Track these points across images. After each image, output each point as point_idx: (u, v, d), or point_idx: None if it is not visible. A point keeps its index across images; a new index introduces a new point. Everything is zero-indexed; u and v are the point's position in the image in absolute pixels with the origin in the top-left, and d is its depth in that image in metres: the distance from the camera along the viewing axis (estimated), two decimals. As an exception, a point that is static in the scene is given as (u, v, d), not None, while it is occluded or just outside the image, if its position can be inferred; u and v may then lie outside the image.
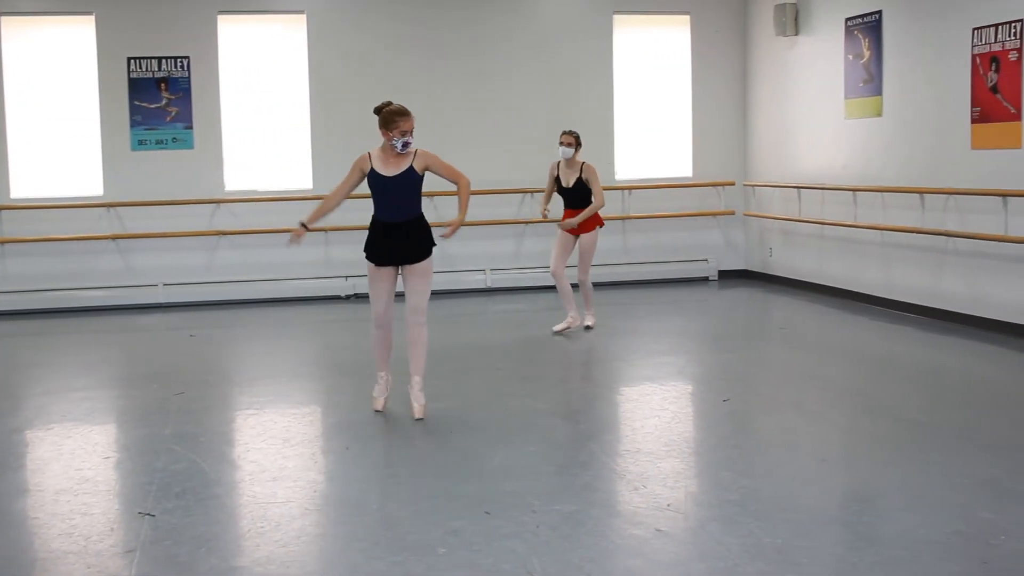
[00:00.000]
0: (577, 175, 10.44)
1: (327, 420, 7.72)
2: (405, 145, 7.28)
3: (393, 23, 13.42)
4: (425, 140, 13.29)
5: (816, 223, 12.65)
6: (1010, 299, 9.91)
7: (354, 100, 13.25)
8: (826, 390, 8.25)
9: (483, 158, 13.65)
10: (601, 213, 10.64)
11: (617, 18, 14.03)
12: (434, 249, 7.45)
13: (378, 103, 7.54)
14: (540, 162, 13.69)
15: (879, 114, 11.64)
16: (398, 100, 13.00)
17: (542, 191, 13.67)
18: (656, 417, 7.30)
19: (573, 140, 10.43)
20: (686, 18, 14.20)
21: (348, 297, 13.30)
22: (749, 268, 14.54)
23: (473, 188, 13.22)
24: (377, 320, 7.47)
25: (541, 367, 9.10)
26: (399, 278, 7.45)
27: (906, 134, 11.25)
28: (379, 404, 7.55)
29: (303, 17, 13.21)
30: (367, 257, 7.42)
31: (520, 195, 13.78)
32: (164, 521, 5.34)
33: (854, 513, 5.44)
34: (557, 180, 10.59)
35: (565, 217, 10.62)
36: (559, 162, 10.57)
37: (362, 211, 13.36)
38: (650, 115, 14.20)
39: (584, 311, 10.78)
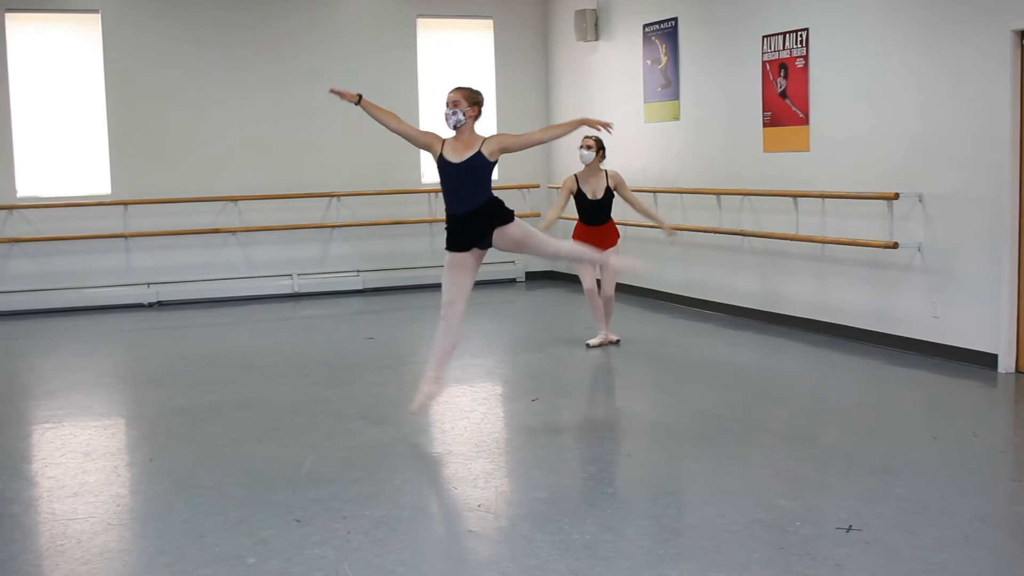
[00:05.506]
0: (604, 185, 9.64)
1: (130, 432, 7.51)
2: (451, 117, 6.89)
3: (192, 23, 13.13)
4: (226, 143, 13.23)
5: (618, 224, 12.89)
6: (800, 295, 10.35)
7: (153, 101, 12.93)
8: (630, 387, 8.46)
9: (287, 161, 13.51)
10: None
11: (421, 21, 14.08)
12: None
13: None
14: (345, 165, 13.68)
15: (677, 118, 12.00)
16: (199, 102, 13.03)
17: (348, 194, 13.66)
18: (466, 419, 7.36)
19: (594, 143, 9.59)
20: (489, 22, 14.35)
21: (151, 305, 12.95)
22: (555, 270, 14.76)
23: (278, 192, 13.27)
24: (444, 310, 7.00)
25: (350, 372, 9.05)
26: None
27: (702, 137, 11.63)
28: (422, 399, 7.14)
29: (98, 17, 12.79)
30: (446, 247, 7.02)
31: (327, 199, 13.66)
32: (-45, 543, 5.10)
33: (659, 506, 5.60)
34: (579, 195, 9.67)
35: (582, 234, 9.65)
36: (576, 175, 9.75)
37: (165, 216, 13.17)
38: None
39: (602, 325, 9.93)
